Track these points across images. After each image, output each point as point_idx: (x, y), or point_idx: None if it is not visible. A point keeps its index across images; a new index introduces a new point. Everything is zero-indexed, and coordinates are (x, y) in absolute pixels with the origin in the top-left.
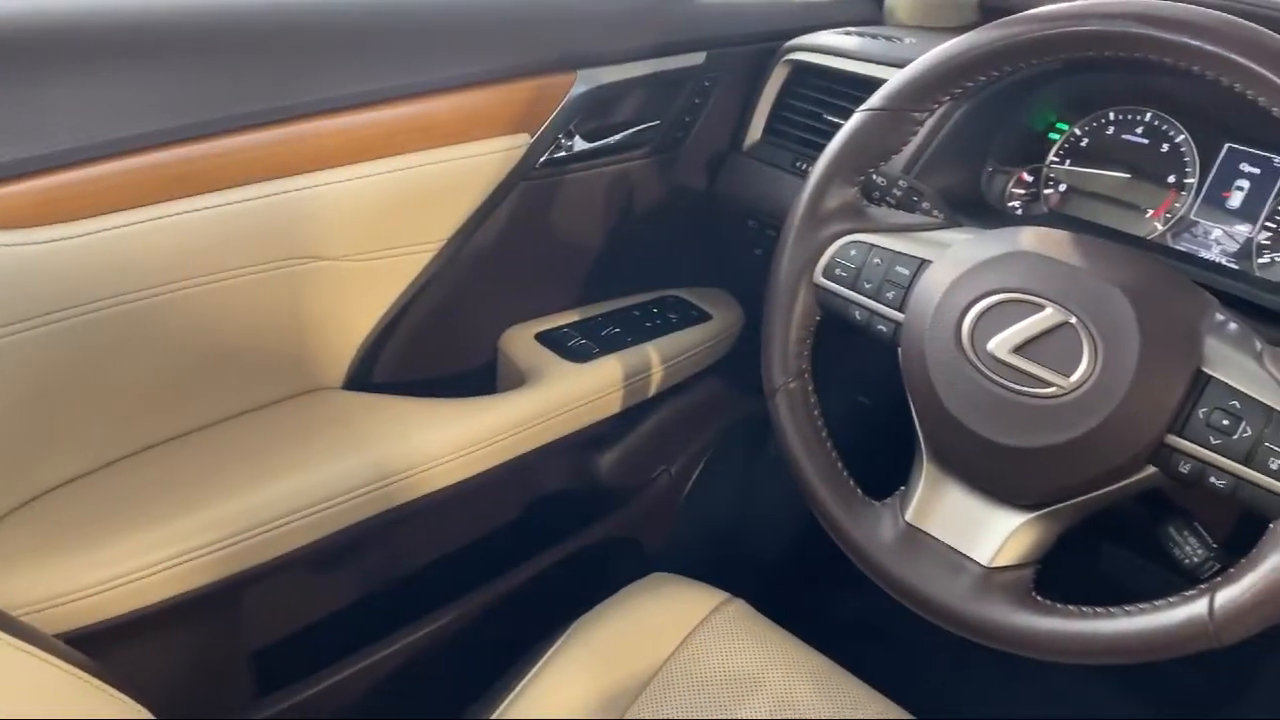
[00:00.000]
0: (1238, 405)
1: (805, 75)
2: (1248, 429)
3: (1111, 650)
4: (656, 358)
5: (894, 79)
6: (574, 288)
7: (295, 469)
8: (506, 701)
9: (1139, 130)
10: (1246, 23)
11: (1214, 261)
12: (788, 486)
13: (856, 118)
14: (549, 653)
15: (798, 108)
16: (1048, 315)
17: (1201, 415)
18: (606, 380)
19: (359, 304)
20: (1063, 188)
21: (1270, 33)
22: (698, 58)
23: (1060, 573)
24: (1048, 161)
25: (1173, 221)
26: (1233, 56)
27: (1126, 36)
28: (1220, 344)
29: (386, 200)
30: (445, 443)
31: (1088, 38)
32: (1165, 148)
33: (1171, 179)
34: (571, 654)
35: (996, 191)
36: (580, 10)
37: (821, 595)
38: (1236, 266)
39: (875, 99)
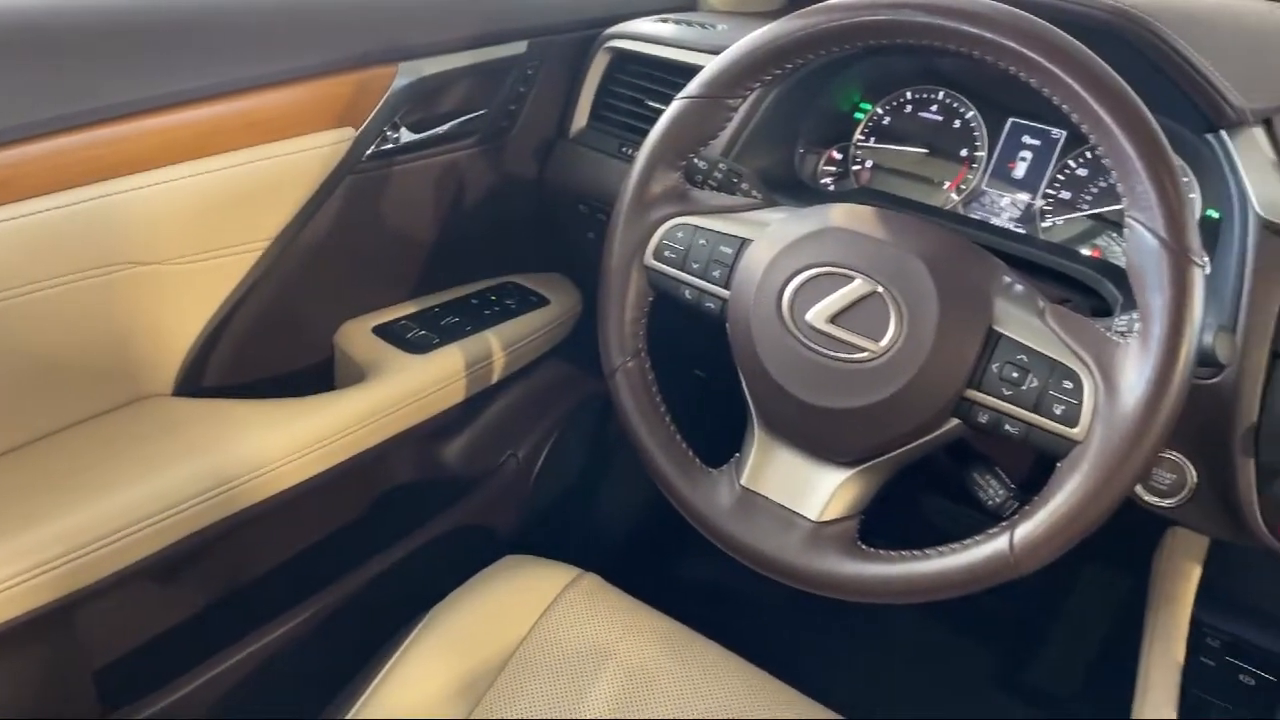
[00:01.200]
0: (1025, 359)
1: (626, 62)
2: (1034, 380)
3: (930, 588)
4: (497, 345)
5: (707, 68)
6: (411, 279)
7: (130, 480)
8: (362, 699)
9: (934, 109)
10: (1021, 12)
11: (1004, 228)
12: (634, 462)
13: (675, 106)
14: (404, 645)
15: (621, 94)
16: (857, 286)
17: (994, 370)
18: (448, 370)
19: (184, 308)
20: (869, 164)
21: (1041, 21)
22: (519, 47)
23: (886, 522)
24: (854, 140)
25: (966, 192)
26: (1007, 42)
27: (915, 25)
28: (1008, 304)
29: (207, 201)
30: (284, 443)
31: (881, 26)
32: (957, 124)
33: (964, 153)
34: (426, 644)
35: (809, 170)
36: (400, 3)
37: (672, 563)
38: (1024, 231)
39: (691, 87)
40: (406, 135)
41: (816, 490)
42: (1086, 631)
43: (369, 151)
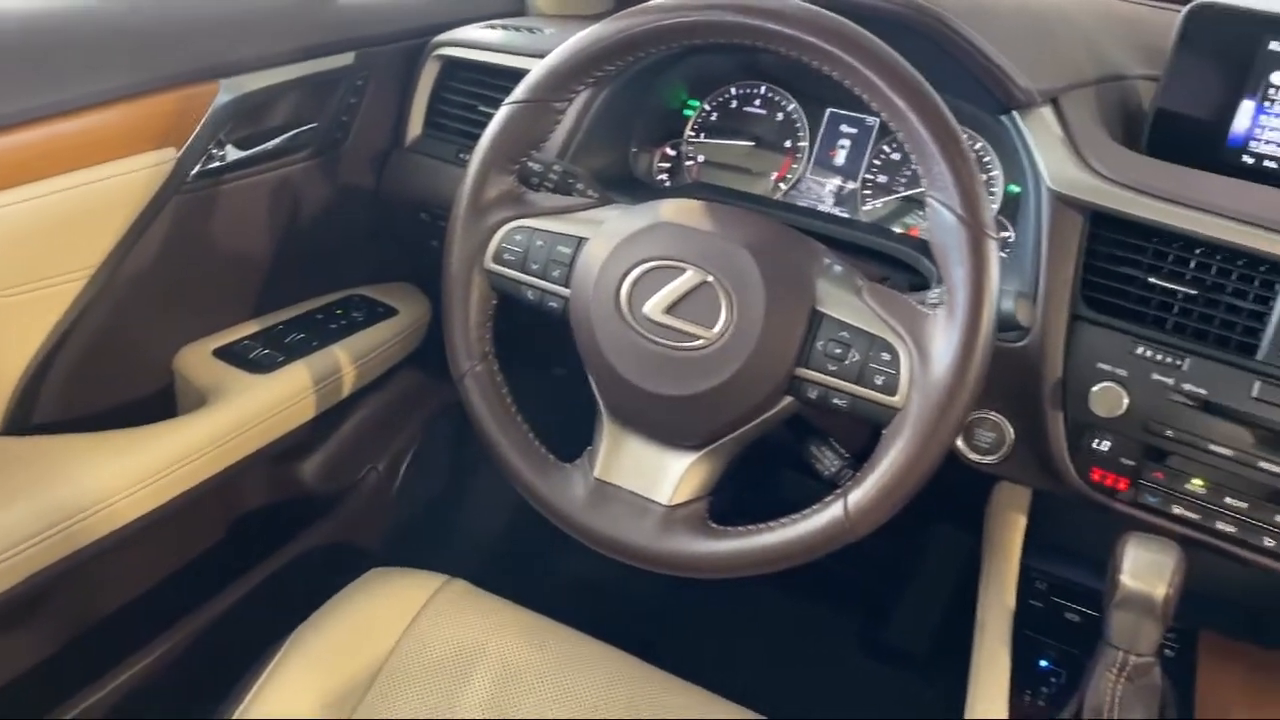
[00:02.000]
0: (846, 336)
1: (457, 69)
2: (856, 354)
3: (776, 558)
4: (346, 358)
5: (532, 73)
6: (251, 299)
7: None
8: None
9: (757, 103)
10: (820, 9)
11: (828, 212)
12: (494, 464)
13: (503, 111)
14: (268, 669)
15: (454, 101)
16: (689, 277)
17: (820, 348)
18: (295, 388)
19: (7, 342)
20: (701, 159)
21: (838, 17)
22: (347, 58)
23: (739, 500)
24: (685, 137)
25: (793, 181)
26: (808, 38)
27: (725, 24)
28: (829, 285)
29: (22, 231)
30: (124, 475)
31: (694, 27)
32: (780, 117)
33: (788, 144)
34: (292, 666)
35: (645, 168)
36: (215, 19)
37: (542, 561)
38: (846, 214)
39: (518, 92)
40: (233, 153)
41: (666, 475)
42: (937, 589)
43: (195, 171)
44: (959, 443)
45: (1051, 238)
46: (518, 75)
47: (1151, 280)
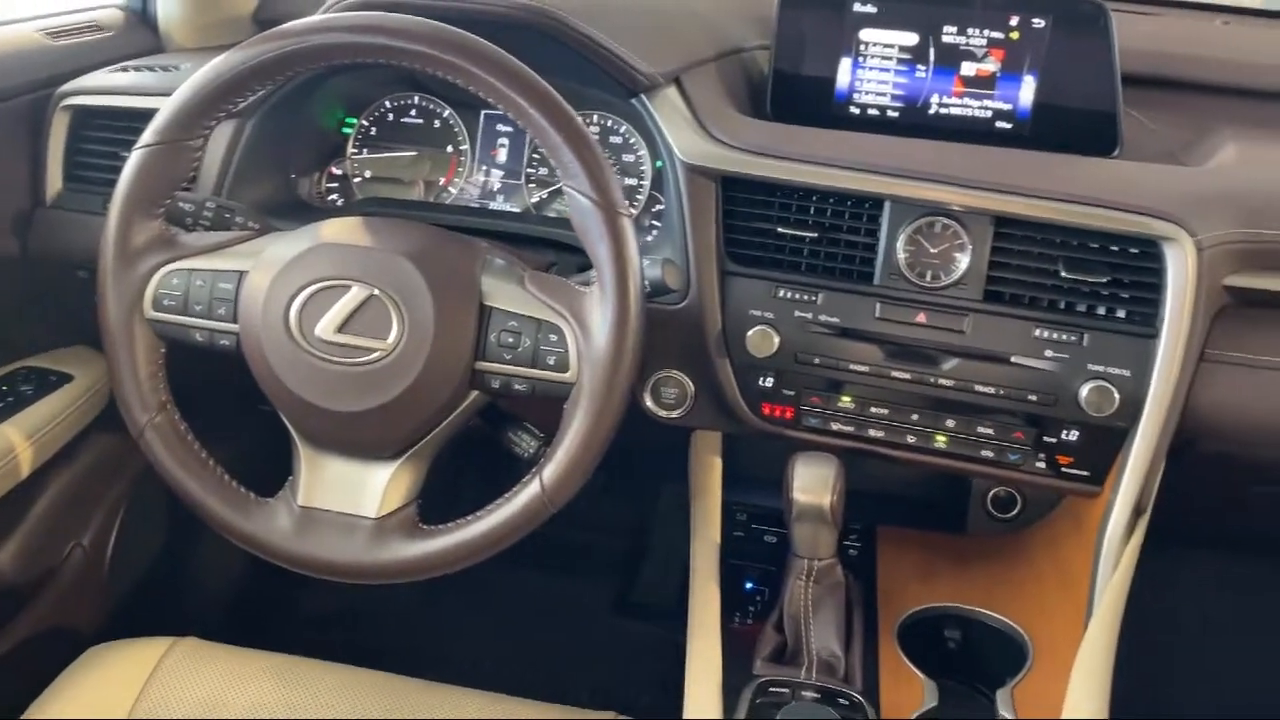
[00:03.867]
0: (515, 324)
1: (90, 118)
2: (526, 340)
3: (486, 546)
4: (18, 435)
5: (158, 114)
6: None
7: None
8: None
9: (413, 113)
10: (435, 23)
11: (500, 209)
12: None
13: (134, 157)
14: None
15: (94, 151)
16: (355, 294)
17: (493, 340)
18: None
19: None
20: (368, 174)
21: (453, 29)
22: None
23: (453, 498)
24: (348, 154)
25: (462, 184)
26: (428, 51)
27: (347, 46)
28: (493, 279)
29: None
30: None
31: (316, 51)
32: (438, 124)
33: (450, 148)
34: None
35: (311, 190)
36: None
37: (282, 603)
38: (516, 209)
39: (146, 136)
40: None
41: (370, 489)
42: (677, 541)
43: None
44: (649, 402)
45: (691, 205)
46: (152, 116)
47: (781, 230)
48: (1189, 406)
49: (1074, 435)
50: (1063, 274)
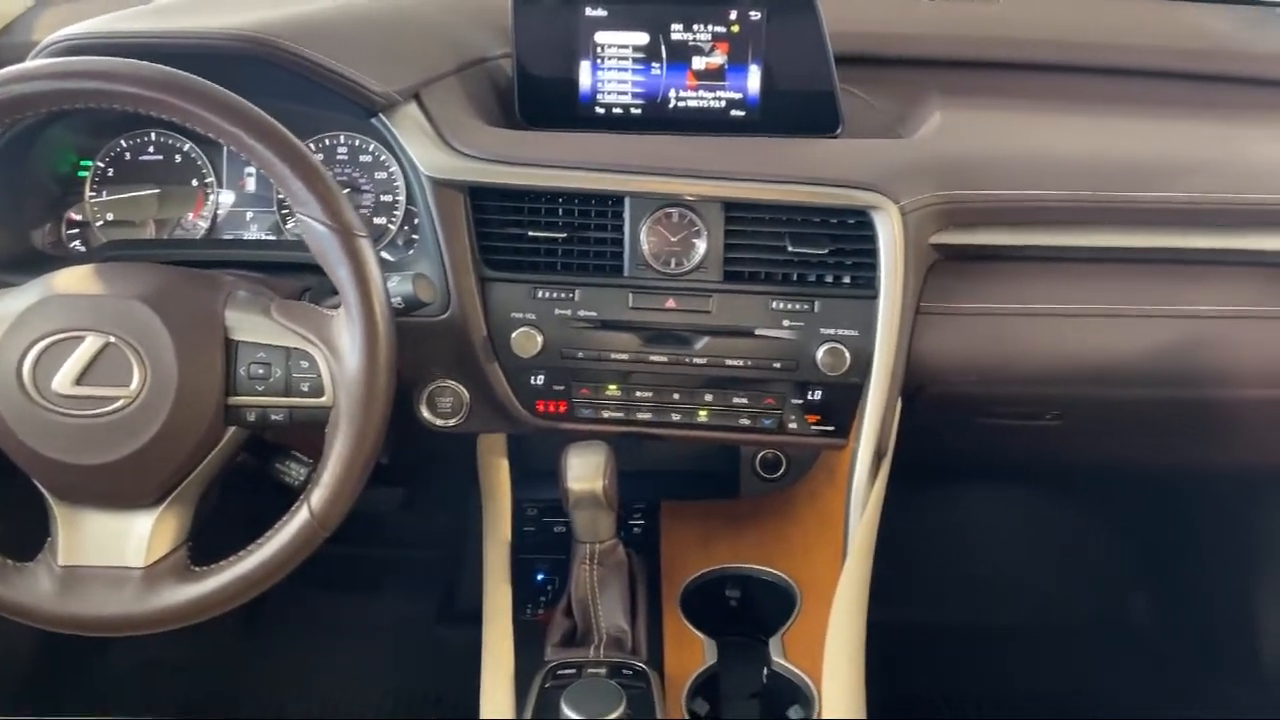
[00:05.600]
0: (264, 355)
1: None
2: (277, 369)
3: (261, 579)
4: None
5: None
6: None
7: None
8: None
9: (151, 149)
10: (141, 63)
11: (255, 239)
12: None
13: None
14: None
15: None
16: (90, 344)
17: (243, 373)
18: None
19: None
20: (110, 217)
21: (160, 67)
22: None
23: (235, 536)
24: (86, 198)
25: (211, 217)
26: (144, 94)
27: (54, 93)
28: (237, 312)
29: None
30: None
31: (21, 100)
32: (179, 158)
33: (195, 182)
34: None
35: (50, 239)
36: None
37: (82, 664)
38: (271, 236)
39: None
40: None
41: (134, 538)
42: None
43: None
44: (425, 413)
45: (442, 217)
46: None
47: (532, 234)
48: (912, 356)
49: (818, 395)
50: (790, 249)
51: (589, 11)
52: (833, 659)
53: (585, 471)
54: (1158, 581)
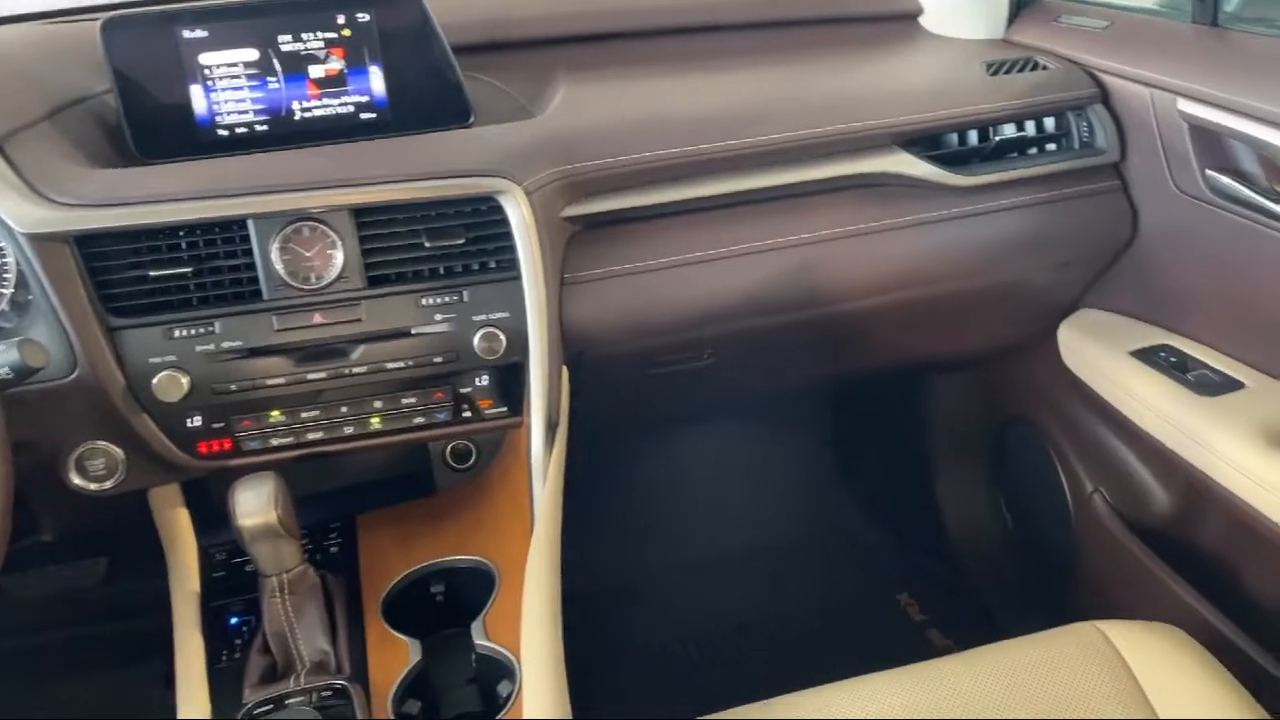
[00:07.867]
0: None
1: None
2: None
3: None
4: None
5: None
6: None
7: None
8: None
9: None
10: None
11: None
12: None
13: None
14: None
15: None
16: None
17: None
18: None
19: None
20: None
21: None
22: None
23: None
24: None
25: None
26: None
27: None
28: None
29: None
30: None
31: None
32: None
33: None
34: None
35: None
36: None
37: None
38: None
39: None
40: None
41: None
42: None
43: None
44: (77, 480)
45: (49, 274)
46: None
47: (154, 273)
48: (565, 326)
49: (484, 380)
50: (427, 244)
51: (187, 34)
52: (528, 629)
53: (255, 505)
54: (865, 485)
